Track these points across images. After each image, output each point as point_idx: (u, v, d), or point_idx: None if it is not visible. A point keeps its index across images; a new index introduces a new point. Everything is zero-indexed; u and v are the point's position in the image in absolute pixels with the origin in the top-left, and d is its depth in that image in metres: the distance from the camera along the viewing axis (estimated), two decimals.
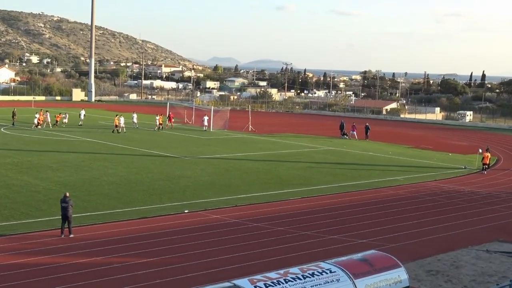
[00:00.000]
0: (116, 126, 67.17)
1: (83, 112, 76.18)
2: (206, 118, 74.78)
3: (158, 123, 71.77)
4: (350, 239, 27.39)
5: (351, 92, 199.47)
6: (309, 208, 33.71)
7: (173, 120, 76.27)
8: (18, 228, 27.15)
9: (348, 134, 73.77)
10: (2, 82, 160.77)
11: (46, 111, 74.36)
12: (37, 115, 70.16)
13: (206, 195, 35.97)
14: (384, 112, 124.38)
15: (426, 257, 24.99)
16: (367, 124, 75.17)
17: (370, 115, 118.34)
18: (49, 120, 70.54)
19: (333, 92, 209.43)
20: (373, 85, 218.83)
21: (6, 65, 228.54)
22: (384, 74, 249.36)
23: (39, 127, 68.41)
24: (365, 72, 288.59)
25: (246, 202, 34.44)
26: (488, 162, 50.60)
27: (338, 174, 45.81)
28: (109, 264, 22.74)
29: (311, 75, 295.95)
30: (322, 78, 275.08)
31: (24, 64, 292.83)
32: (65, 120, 72.45)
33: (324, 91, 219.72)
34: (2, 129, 66.22)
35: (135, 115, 74.49)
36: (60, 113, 73.82)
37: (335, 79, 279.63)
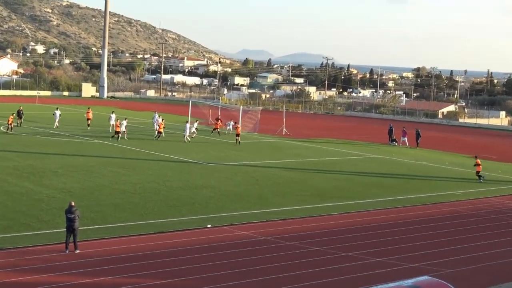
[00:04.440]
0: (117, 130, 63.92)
1: (113, 116, 70.41)
2: (231, 123, 73.77)
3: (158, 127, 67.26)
4: (399, 262, 27.07)
5: (401, 92, 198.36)
6: (351, 225, 33.41)
7: (217, 123, 72.86)
8: (17, 241, 27.29)
9: (398, 141, 73.17)
10: (3, 75, 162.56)
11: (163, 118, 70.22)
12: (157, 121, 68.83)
13: (232, 208, 35.86)
14: (439, 116, 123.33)
15: (487, 286, 24.58)
16: (417, 129, 74.55)
17: (423, 118, 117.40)
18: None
19: (380, 91, 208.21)
20: (428, 84, 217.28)
21: (8, 56, 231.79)
22: (440, 71, 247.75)
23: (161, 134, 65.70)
24: (418, 69, 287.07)
25: (278, 217, 34.25)
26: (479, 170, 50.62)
27: (386, 187, 45.41)
28: (119, 285, 22.72)
29: (355, 71, 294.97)
30: (368, 75, 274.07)
31: (28, 54, 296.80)
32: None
33: (371, 90, 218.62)
34: (1, 128, 66.92)
35: (156, 115, 73.88)
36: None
37: (383, 77, 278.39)
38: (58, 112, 71.73)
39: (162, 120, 67.31)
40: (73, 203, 26.91)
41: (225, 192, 40.09)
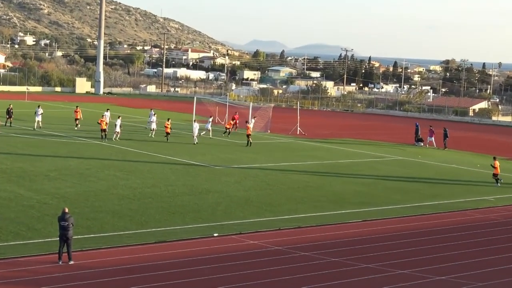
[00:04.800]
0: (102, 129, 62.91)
1: (107, 114, 69.28)
2: (253, 120, 73.17)
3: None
4: (425, 275, 27.08)
5: (428, 87, 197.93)
6: (372, 234, 33.44)
7: (230, 122, 73.19)
8: (5, 251, 27.41)
9: (424, 141, 73.10)
10: None
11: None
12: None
13: (241, 215, 35.96)
14: (470, 113, 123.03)
15: None
16: (445, 128, 74.43)
17: (452, 116, 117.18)
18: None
19: (405, 86, 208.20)
20: (457, 78, 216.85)
21: None
22: (471, 64, 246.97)
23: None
24: (447, 62, 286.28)
25: (291, 225, 34.32)
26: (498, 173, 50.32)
27: (411, 192, 45.41)
28: None
29: (377, 64, 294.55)
30: (391, 69, 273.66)
31: (16, 46, 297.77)
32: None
33: (394, 85, 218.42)
34: None
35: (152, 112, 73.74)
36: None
37: (408, 70, 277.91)
38: (40, 110, 69.89)
39: (168, 120, 65.71)
40: (66, 210, 26.99)
41: (234, 197, 40.17)
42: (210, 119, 70.82)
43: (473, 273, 27.76)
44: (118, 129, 62.63)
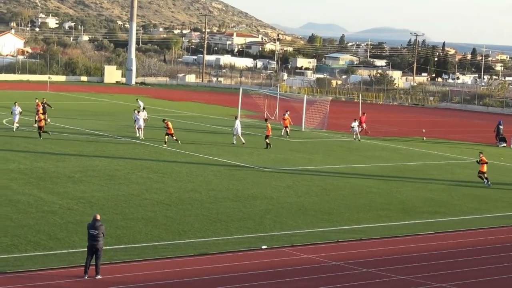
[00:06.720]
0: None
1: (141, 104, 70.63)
2: (356, 123, 71.66)
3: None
4: None
5: None
6: (446, 248, 33.18)
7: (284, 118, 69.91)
8: (23, 263, 27.68)
9: (508, 140, 72.42)
10: (6, 55, 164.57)
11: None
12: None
13: (294, 225, 35.91)
14: None
15: None
16: (499, 121, 73.73)
17: None
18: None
19: (485, 77, 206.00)
20: None
21: (12, 31, 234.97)
22: None
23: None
24: None
25: (352, 237, 34.21)
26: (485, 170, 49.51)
27: (493, 200, 44.96)
28: None
29: (452, 51, 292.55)
30: (469, 57, 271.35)
31: (37, 29, 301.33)
32: None
33: (472, 75, 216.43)
34: (4, 121, 67.86)
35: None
36: None
37: (489, 58, 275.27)
38: (17, 109, 63.62)
39: (165, 121, 61.95)
40: (98, 217, 26.81)
41: (285, 204, 40.15)
42: (287, 112, 70.27)
43: None
44: (141, 123, 61.09)
